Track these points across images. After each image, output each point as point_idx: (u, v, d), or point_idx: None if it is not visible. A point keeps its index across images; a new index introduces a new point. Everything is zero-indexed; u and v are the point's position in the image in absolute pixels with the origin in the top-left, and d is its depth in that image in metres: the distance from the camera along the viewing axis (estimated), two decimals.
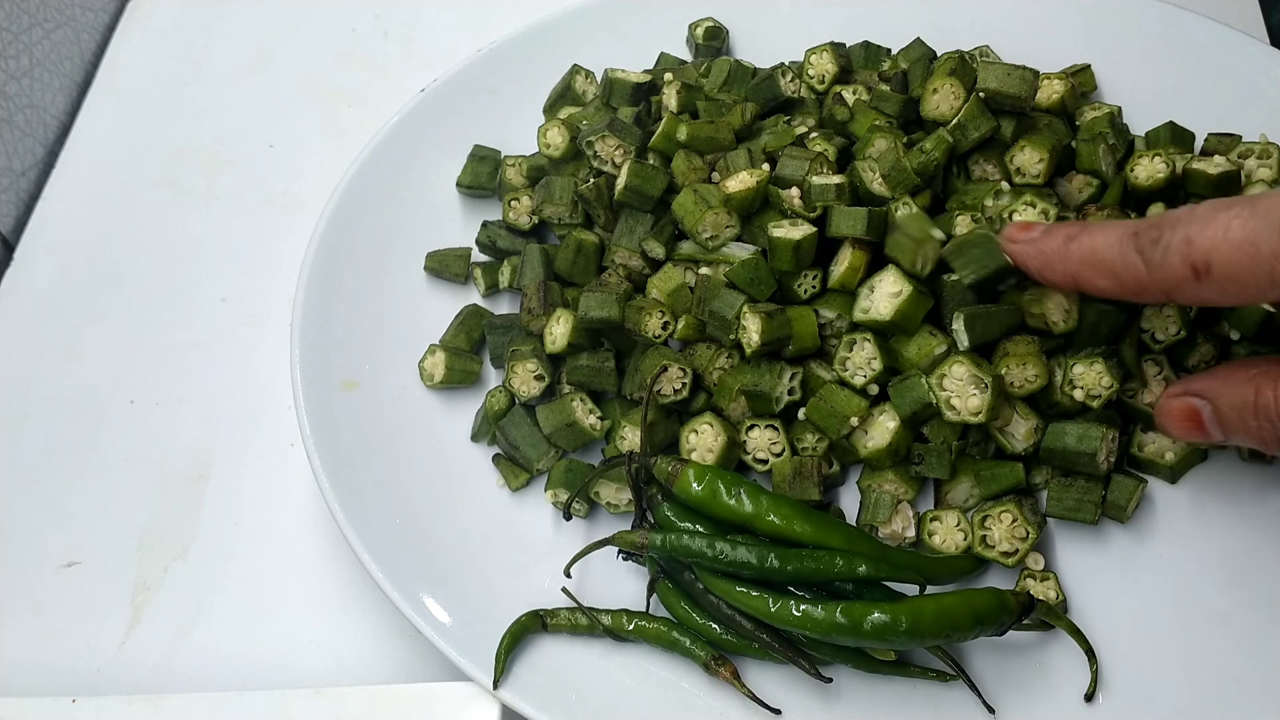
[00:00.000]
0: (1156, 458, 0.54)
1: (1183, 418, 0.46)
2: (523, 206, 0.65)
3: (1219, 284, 0.41)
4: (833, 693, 0.50)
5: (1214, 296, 0.42)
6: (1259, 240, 0.39)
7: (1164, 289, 0.43)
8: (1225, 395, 0.45)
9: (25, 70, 0.80)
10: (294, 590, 0.60)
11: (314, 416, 0.58)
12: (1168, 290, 0.43)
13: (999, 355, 0.52)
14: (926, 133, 0.59)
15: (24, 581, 0.62)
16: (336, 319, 0.62)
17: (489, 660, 0.51)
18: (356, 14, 0.88)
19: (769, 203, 0.57)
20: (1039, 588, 0.51)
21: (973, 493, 0.54)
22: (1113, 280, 0.45)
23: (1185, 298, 0.43)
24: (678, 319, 0.57)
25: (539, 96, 0.70)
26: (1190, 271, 0.41)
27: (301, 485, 0.64)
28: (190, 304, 0.73)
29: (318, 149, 0.79)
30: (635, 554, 0.52)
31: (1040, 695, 0.49)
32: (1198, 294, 0.42)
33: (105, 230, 0.77)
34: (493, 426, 0.59)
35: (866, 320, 0.53)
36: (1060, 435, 0.52)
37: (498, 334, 0.62)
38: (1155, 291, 0.44)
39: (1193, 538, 0.53)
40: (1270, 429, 0.43)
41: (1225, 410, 0.45)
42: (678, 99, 0.64)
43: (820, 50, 0.66)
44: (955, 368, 0.51)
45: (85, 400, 0.69)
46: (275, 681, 0.57)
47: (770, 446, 0.55)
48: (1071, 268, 0.47)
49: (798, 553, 0.49)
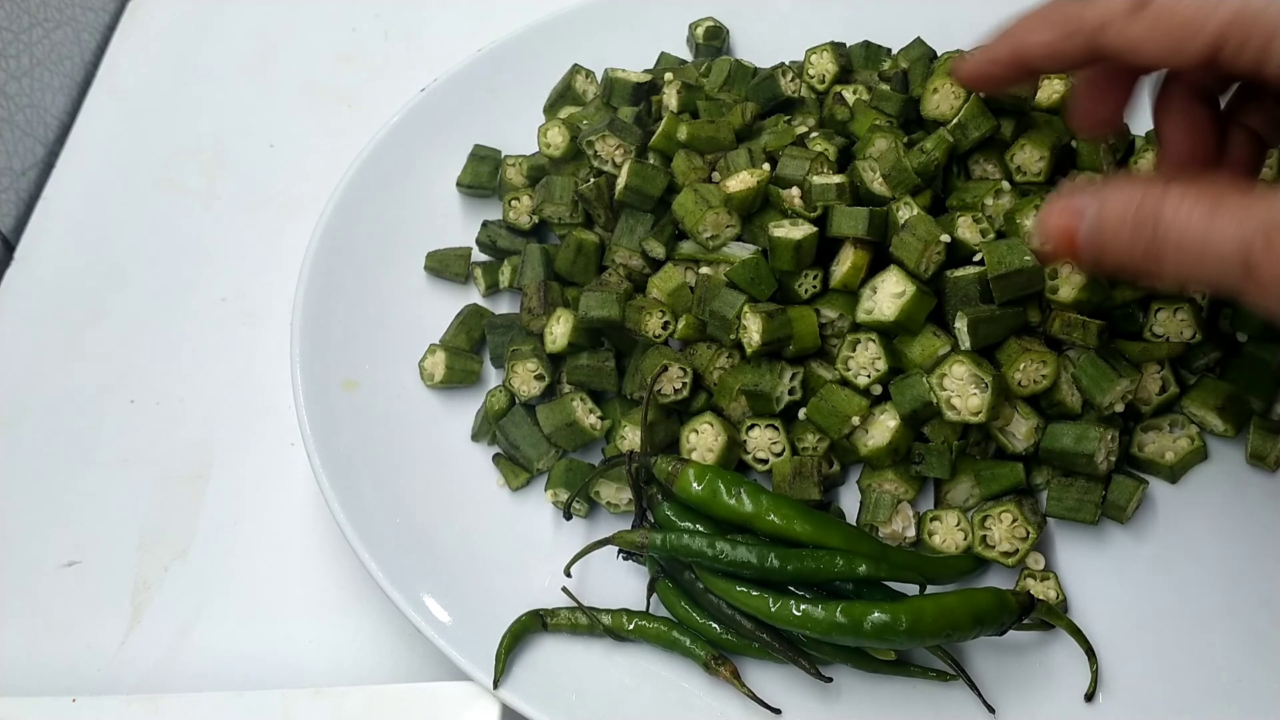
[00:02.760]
0: (1156, 458, 0.54)
1: (1059, 233, 0.43)
2: (523, 206, 0.65)
3: (1154, 19, 0.40)
4: (833, 692, 0.50)
5: (1144, 36, 0.40)
6: None
7: (1096, 24, 0.41)
8: (1109, 202, 0.41)
9: (26, 70, 0.80)
10: (294, 590, 0.60)
11: (314, 416, 0.58)
12: (1100, 25, 0.41)
13: (1014, 353, 0.52)
14: (927, 132, 0.59)
15: (24, 581, 0.62)
16: (336, 319, 0.62)
17: (489, 660, 0.51)
18: (356, 14, 0.88)
19: (769, 202, 0.57)
20: (1039, 587, 0.51)
21: (973, 492, 0.54)
22: (1048, 27, 0.44)
23: (1114, 38, 0.41)
24: (678, 319, 0.57)
25: (539, 96, 0.70)
26: (1129, 2, 0.40)
27: (301, 485, 0.64)
28: (190, 304, 0.73)
29: (318, 149, 0.79)
30: (635, 554, 0.52)
31: (1040, 695, 0.49)
32: (1127, 32, 0.40)
33: (105, 230, 0.77)
34: (493, 426, 0.59)
35: (870, 321, 0.53)
36: (1059, 436, 0.52)
37: (498, 334, 0.62)
38: (1087, 30, 0.42)
39: (1193, 538, 0.53)
40: (1147, 243, 0.40)
41: (1105, 223, 0.41)
42: (678, 99, 0.64)
43: (820, 50, 0.66)
44: (956, 367, 0.51)
45: (85, 400, 0.69)
46: (275, 681, 0.57)
47: (770, 446, 0.55)
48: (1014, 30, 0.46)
49: (798, 552, 0.49)
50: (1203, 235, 0.38)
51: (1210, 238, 0.37)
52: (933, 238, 0.53)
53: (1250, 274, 0.36)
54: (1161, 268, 0.39)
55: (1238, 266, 0.37)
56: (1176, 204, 0.39)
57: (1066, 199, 0.43)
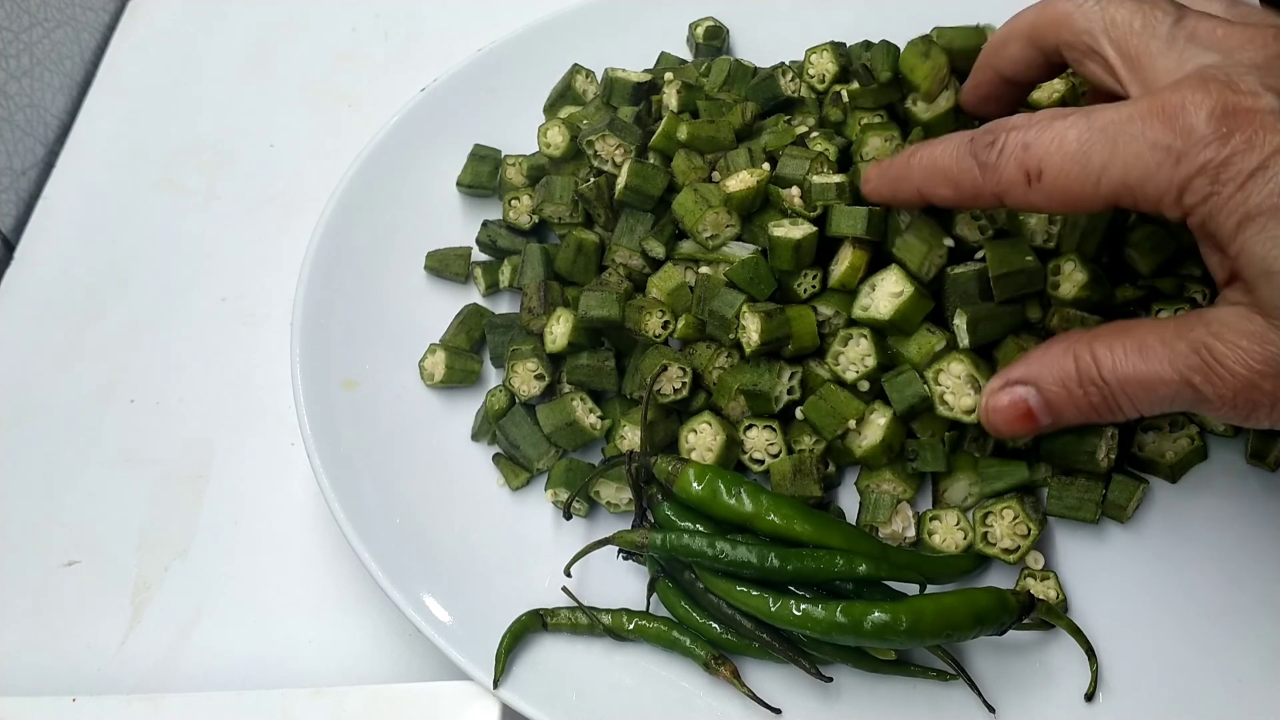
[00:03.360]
0: (1157, 457, 0.54)
1: (1010, 412, 0.45)
2: (523, 206, 0.65)
3: (1048, 191, 0.42)
4: (833, 692, 0.50)
5: (1042, 203, 0.43)
6: (1091, 151, 0.40)
7: (996, 192, 0.44)
8: (1045, 374, 0.44)
9: (26, 69, 0.80)
10: (294, 590, 0.60)
11: (314, 416, 0.58)
12: (1000, 193, 0.44)
13: (1011, 351, 0.52)
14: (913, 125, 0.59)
15: (24, 581, 0.62)
16: (336, 318, 0.62)
17: (489, 659, 0.51)
18: (356, 14, 0.88)
19: (769, 202, 0.57)
20: (1039, 587, 0.51)
21: (971, 490, 0.54)
22: (951, 187, 0.46)
23: (1016, 201, 0.44)
24: (678, 318, 0.57)
25: (539, 96, 0.70)
26: (1023, 176, 0.42)
27: (301, 485, 0.64)
28: (190, 304, 0.73)
29: (318, 149, 0.79)
30: (635, 553, 0.52)
31: (1040, 695, 0.49)
32: (1028, 199, 0.43)
33: (105, 230, 0.77)
34: (493, 426, 0.59)
35: (865, 318, 0.53)
36: (1059, 433, 0.52)
37: (498, 333, 0.62)
38: (989, 195, 0.44)
39: (1193, 538, 0.53)
40: (1097, 393, 0.43)
41: (1050, 389, 0.44)
42: (678, 98, 0.64)
43: (820, 50, 0.66)
44: (954, 365, 0.51)
45: (85, 400, 0.69)
46: (275, 681, 0.57)
47: (768, 447, 0.54)
48: (915, 181, 0.48)
49: (798, 552, 0.49)
50: (1147, 379, 0.41)
51: (1154, 380, 0.41)
52: (936, 240, 0.53)
53: (1201, 400, 0.40)
54: (1120, 411, 0.43)
55: (1187, 393, 0.40)
56: (1108, 354, 0.42)
57: (999, 381, 0.46)
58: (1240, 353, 0.39)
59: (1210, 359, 0.39)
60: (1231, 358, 0.39)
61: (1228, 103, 0.38)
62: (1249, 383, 0.39)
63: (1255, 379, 0.39)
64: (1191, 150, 0.39)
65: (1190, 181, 0.39)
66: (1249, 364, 0.39)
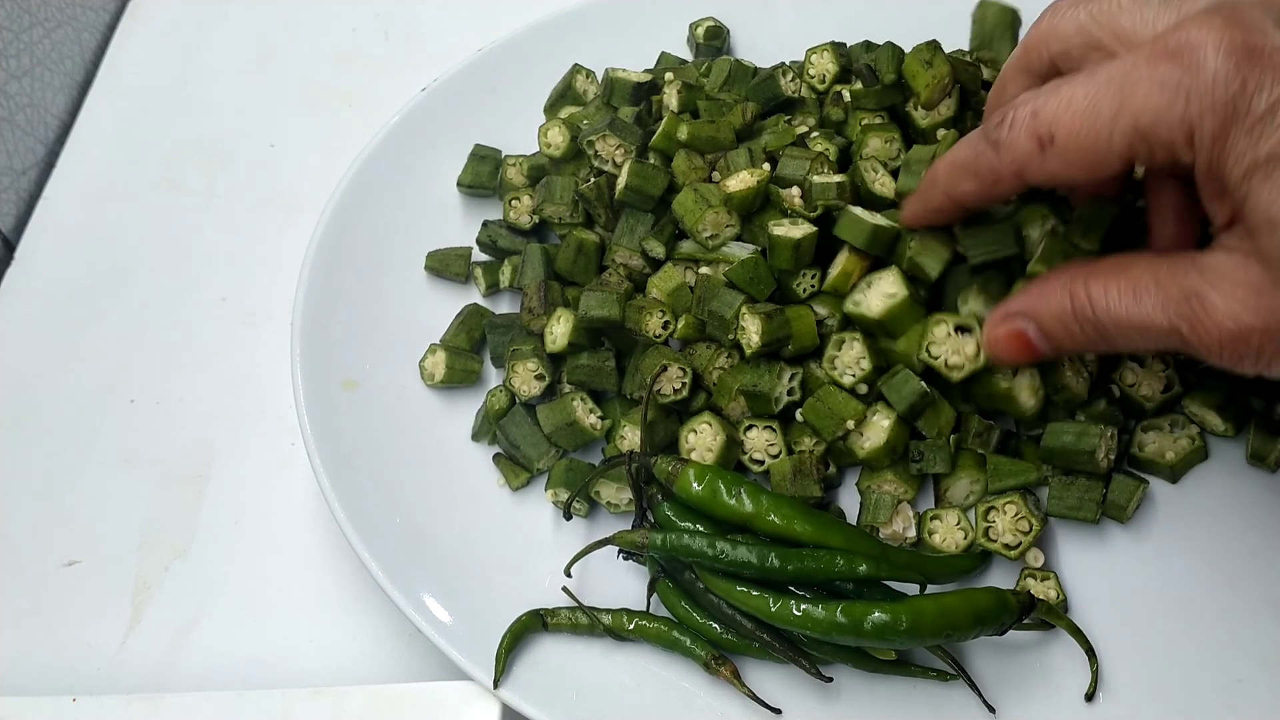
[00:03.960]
0: (1157, 457, 0.54)
1: (1010, 342, 0.45)
2: (523, 206, 0.65)
3: (1062, 153, 0.41)
4: (833, 692, 0.50)
5: (1060, 167, 0.42)
6: (1100, 104, 0.40)
7: (1013, 168, 0.43)
8: (1043, 308, 0.44)
9: (26, 69, 0.80)
10: (294, 590, 0.60)
11: (314, 416, 0.58)
12: (1017, 169, 0.43)
13: None
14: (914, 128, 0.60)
15: (24, 581, 0.62)
16: (337, 318, 0.62)
17: (489, 659, 0.51)
18: (356, 14, 0.88)
19: (769, 202, 0.57)
20: (1039, 587, 0.51)
21: (972, 489, 0.54)
22: (972, 177, 0.45)
23: (1034, 174, 0.43)
24: (678, 318, 0.57)
25: (539, 96, 0.70)
26: (1036, 144, 0.42)
27: (301, 485, 0.64)
28: (190, 304, 0.73)
29: (318, 149, 0.79)
30: (635, 553, 0.52)
31: (1040, 695, 0.49)
32: (1044, 167, 0.42)
33: (105, 230, 0.77)
34: (493, 426, 0.59)
35: (855, 314, 0.53)
36: (1060, 433, 0.52)
37: (498, 333, 0.62)
38: (1008, 174, 0.43)
39: (1193, 538, 0.53)
40: (1091, 329, 0.42)
41: (1048, 323, 0.44)
42: (678, 98, 0.64)
43: (821, 50, 0.66)
44: (936, 330, 0.51)
45: (85, 400, 0.69)
46: (275, 681, 0.57)
47: (768, 448, 0.54)
48: (941, 184, 0.47)
49: (798, 552, 0.49)
50: (1140, 321, 0.41)
51: (1147, 322, 0.41)
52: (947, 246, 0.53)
53: (1188, 346, 0.40)
54: (1115, 346, 0.43)
55: (1179, 339, 0.40)
56: (1102, 294, 0.42)
57: (1000, 313, 0.46)
58: (1233, 304, 0.38)
59: (1200, 309, 0.39)
60: (1223, 310, 0.38)
61: (1235, 39, 0.37)
62: (1237, 335, 0.38)
63: (1244, 332, 0.38)
64: (1200, 86, 0.37)
65: (1201, 119, 0.37)
66: (1239, 316, 0.38)
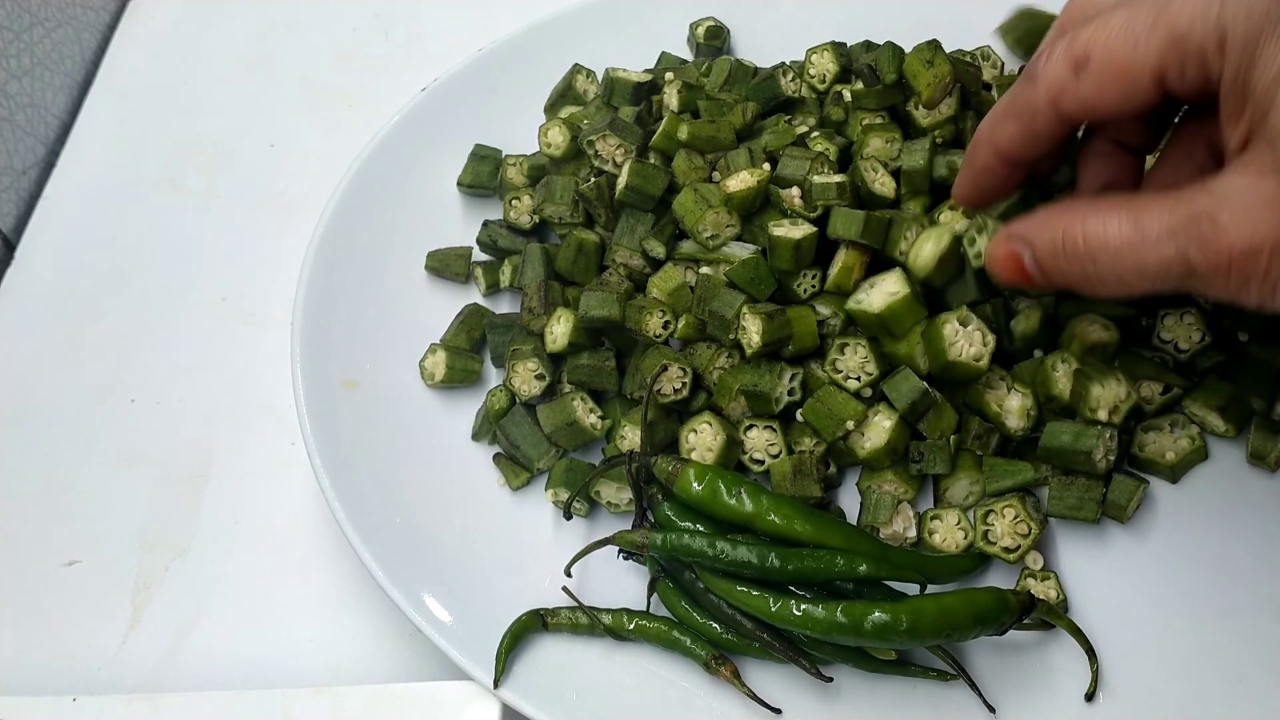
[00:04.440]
0: (1157, 457, 0.54)
1: (1007, 262, 0.45)
2: (523, 206, 0.65)
3: (1098, 74, 0.41)
4: (833, 692, 0.50)
5: (1094, 92, 0.41)
6: (1136, 21, 0.40)
7: (1050, 98, 0.43)
8: (1038, 238, 0.44)
9: (26, 69, 0.80)
10: (294, 590, 0.60)
11: (314, 416, 0.58)
12: (1053, 98, 0.43)
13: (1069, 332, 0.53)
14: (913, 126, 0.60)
15: (24, 581, 0.62)
16: (337, 318, 0.62)
17: (489, 659, 0.51)
18: (356, 14, 0.88)
19: (769, 202, 0.57)
20: (1039, 587, 0.51)
21: (972, 490, 0.54)
22: (1012, 117, 0.45)
23: (1069, 103, 0.42)
24: (678, 318, 0.57)
25: (540, 96, 0.70)
26: (1071, 68, 0.41)
27: (301, 485, 0.64)
28: (190, 304, 0.73)
29: (318, 149, 0.79)
30: (635, 553, 0.52)
31: (1041, 695, 0.49)
32: (1079, 93, 0.42)
33: (105, 230, 0.77)
34: (493, 426, 0.59)
35: (856, 310, 0.53)
36: (1058, 434, 0.52)
37: (498, 333, 0.62)
38: (1044, 107, 0.43)
39: (1193, 538, 0.53)
40: (1079, 268, 0.42)
41: (1040, 252, 0.43)
42: (679, 98, 0.64)
43: (821, 49, 0.66)
44: (945, 329, 0.52)
45: (85, 400, 0.69)
46: (275, 681, 0.57)
47: (768, 448, 0.54)
48: (984, 137, 0.47)
49: (798, 552, 0.49)
50: (1135, 252, 0.39)
51: (1143, 253, 0.39)
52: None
53: (1193, 272, 0.38)
54: (1105, 284, 0.41)
55: (1179, 267, 0.38)
56: (1099, 224, 0.40)
57: (1005, 230, 0.46)
58: (1245, 221, 0.37)
59: (1210, 230, 0.37)
60: (1234, 228, 0.37)
61: None
62: (1248, 251, 0.37)
63: (1255, 249, 0.37)
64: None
65: (1234, 23, 0.37)
66: (1251, 232, 0.37)
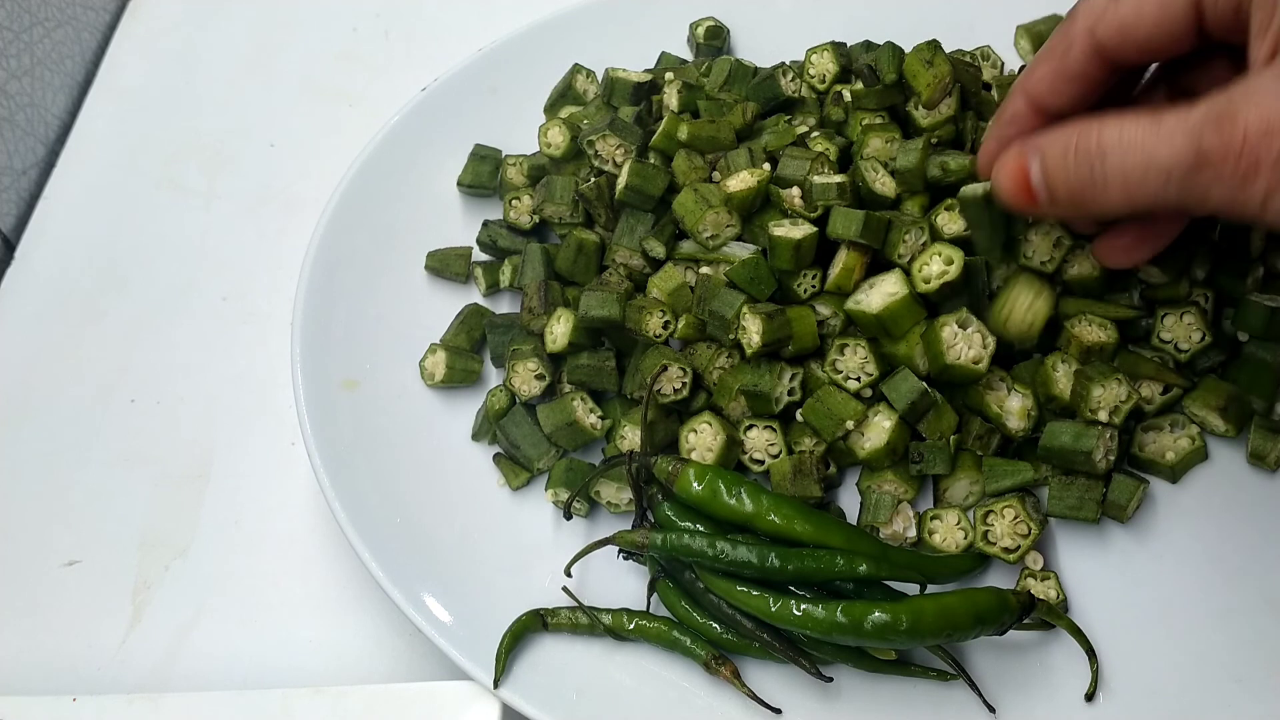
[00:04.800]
0: (1157, 457, 0.54)
1: (1014, 175, 0.45)
2: (523, 206, 0.65)
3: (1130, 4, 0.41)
4: (833, 692, 0.50)
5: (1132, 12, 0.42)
6: None
7: (1088, 25, 0.43)
8: (1052, 143, 0.43)
9: (26, 69, 0.80)
10: (294, 590, 0.60)
11: (314, 416, 0.58)
12: (1090, 25, 0.43)
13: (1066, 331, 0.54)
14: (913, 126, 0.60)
15: (24, 581, 0.62)
16: (337, 318, 0.62)
17: (489, 659, 0.51)
18: (357, 13, 0.88)
19: (770, 202, 0.57)
20: (1039, 587, 0.51)
21: (972, 490, 0.54)
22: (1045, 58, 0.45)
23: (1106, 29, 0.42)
24: (678, 318, 0.57)
25: (540, 96, 0.70)
26: None
27: (301, 485, 0.64)
28: (190, 304, 0.73)
29: (318, 148, 0.79)
30: (636, 553, 0.52)
31: (1041, 695, 0.49)
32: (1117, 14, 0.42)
33: (105, 230, 0.77)
34: (493, 426, 0.59)
35: (855, 311, 0.53)
36: (1058, 434, 0.52)
37: (498, 333, 0.62)
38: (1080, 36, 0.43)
39: (1193, 538, 0.53)
40: (1086, 169, 0.41)
41: (1050, 157, 0.43)
42: (678, 98, 0.64)
43: (821, 49, 0.66)
44: (944, 331, 0.52)
45: (85, 400, 0.69)
46: (275, 681, 0.57)
47: (768, 448, 0.54)
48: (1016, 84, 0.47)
49: (798, 552, 0.49)
50: (1147, 146, 0.39)
51: (1155, 146, 0.39)
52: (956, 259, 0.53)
53: (1204, 162, 0.37)
54: (1107, 192, 0.41)
55: (1189, 159, 0.38)
56: (1116, 126, 0.40)
57: (1018, 142, 0.45)
58: (1266, 103, 0.36)
59: (1228, 120, 0.37)
60: (1254, 111, 0.37)
61: None
62: (1262, 130, 0.36)
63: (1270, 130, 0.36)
64: None
65: None
66: (1270, 114, 0.36)
